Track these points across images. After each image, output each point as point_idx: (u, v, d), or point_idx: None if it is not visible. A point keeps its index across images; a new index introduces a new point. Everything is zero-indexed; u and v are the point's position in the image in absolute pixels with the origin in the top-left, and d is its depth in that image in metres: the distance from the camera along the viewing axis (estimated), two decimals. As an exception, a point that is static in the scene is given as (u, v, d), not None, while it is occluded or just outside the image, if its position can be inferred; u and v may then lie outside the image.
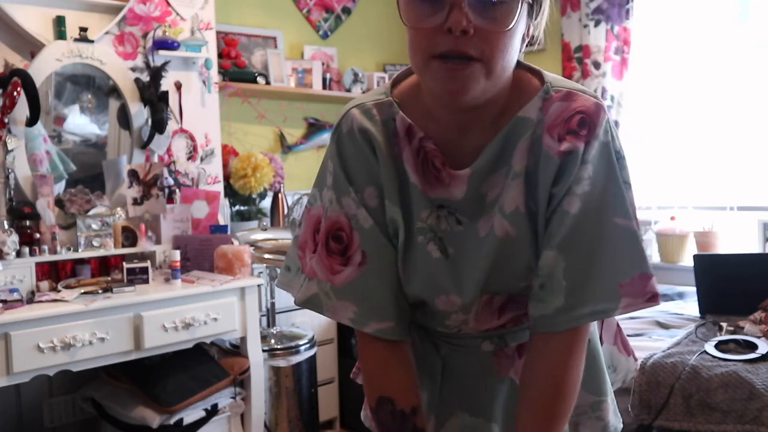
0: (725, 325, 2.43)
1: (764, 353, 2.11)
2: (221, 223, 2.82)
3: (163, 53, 2.73)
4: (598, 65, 3.53)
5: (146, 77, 2.70)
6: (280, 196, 3.30)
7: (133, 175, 2.58)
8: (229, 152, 3.26)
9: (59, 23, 2.49)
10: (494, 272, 0.96)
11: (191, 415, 2.37)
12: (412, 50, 0.90)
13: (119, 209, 2.57)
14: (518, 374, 1.04)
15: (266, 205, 3.36)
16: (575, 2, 3.59)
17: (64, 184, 2.55)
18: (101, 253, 2.47)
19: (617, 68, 3.51)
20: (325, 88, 3.68)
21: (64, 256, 2.38)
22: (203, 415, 2.41)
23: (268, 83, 3.44)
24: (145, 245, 2.55)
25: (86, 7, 2.58)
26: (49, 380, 2.56)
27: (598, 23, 3.51)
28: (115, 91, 2.64)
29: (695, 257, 2.75)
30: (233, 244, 2.65)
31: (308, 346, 2.80)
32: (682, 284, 3.24)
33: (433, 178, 0.97)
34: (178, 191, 2.76)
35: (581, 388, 1.04)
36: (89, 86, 2.61)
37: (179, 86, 2.82)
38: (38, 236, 2.34)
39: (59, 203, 2.49)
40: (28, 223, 2.35)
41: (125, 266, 2.38)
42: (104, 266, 2.57)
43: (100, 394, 2.46)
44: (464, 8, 0.83)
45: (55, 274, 2.43)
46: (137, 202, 2.58)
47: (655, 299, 0.92)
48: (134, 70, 2.69)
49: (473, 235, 0.97)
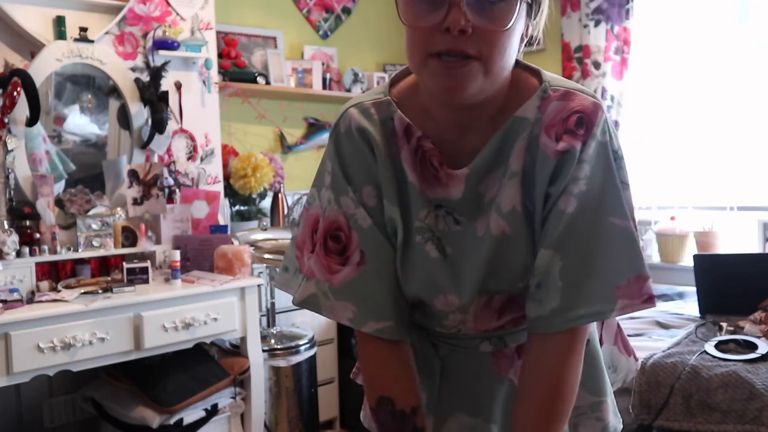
0: (725, 325, 2.43)
1: (764, 353, 2.11)
2: (221, 223, 2.82)
3: (163, 53, 2.73)
4: (598, 65, 3.53)
5: (146, 77, 2.70)
6: (280, 196, 3.30)
7: (133, 175, 2.58)
8: (229, 152, 3.26)
9: (59, 23, 2.49)
10: (491, 272, 0.95)
11: (191, 415, 2.37)
12: (409, 49, 0.90)
13: (119, 209, 2.57)
14: (517, 375, 1.03)
15: (266, 205, 3.36)
16: (575, 2, 3.59)
17: (63, 183, 2.55)
18: (101, 253, 2.47)
19: (617, 68, 3.51)
20: (325, 88, 3.68)
21: (64, 256, 2.38)
22: (203, 415, 2.41)
23: (268, 83, 3.44)
24: (145, 245, 2.55)
25: (86, 7, 2.58)
26: (49, 380, 2.56)
27: (598, 23, 3.51)
28: (115, 91, 2.64)
29: (695, 257, 2.75)
30: (233, 244, 2.65)
31: (308, 346, 2.80)
32: (682, 284, 3.24)
33: (431, 177, 0.96)
34: (178, 191, 2.76)
35: (581, 388, 1.03)
36: (89, 86, 2.61)
37: (179, 86, 2.82)
38: (38, 236, 2.34)
39: (59, 203, 2.49)
40: (28, 223, 2.35)
41: (125, 266, 2.38)
42: (104, 266, 2.57)
43: (100, 394, 2.46)
44: (463, 7, 0.83)
45: (55, 274, 2.43)
46: (137, 202, 2.58)
47: (651, 301, 0.92)
48: (134, 70, 2.69)
49: (471, 234, 0.96)
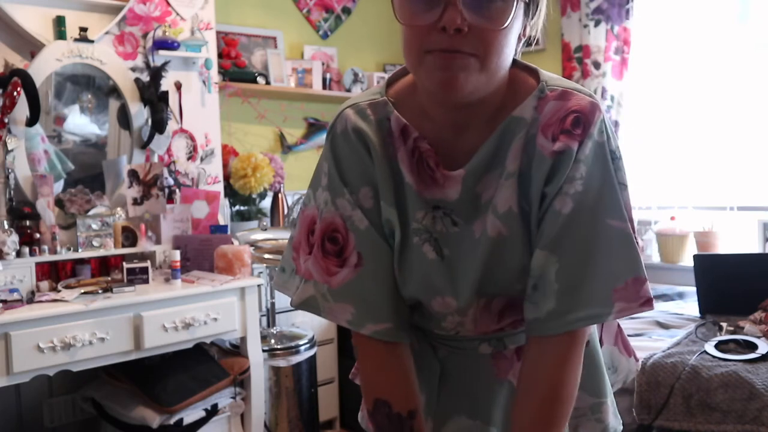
0: (725, 325, 2.43)
1: (764, 353, 2.11)
2: (221, 223, 2.82)
3: (163, 53, 2.73)
4: (598, 65, 3.53)
5: (146, 77, 2.70)
6: (280, 196, 3.30)
7: (133, 175, 2.58)
8: (229, 152, 3.26)
9: (59, 23, 2.49)
10: (488, 273, 0.95)
11: (191, 415, 2.37)
12: (406, 48, 0.89)
13: (119, 209, 2.57)
14: (517, 377, 1.02)
15: (266, 205, 3.36)
16: (575, 2, 3.59)
17: (62, 183, 2.55)
18: (101, 253, 2.47)
19: (617, 68, 3.51)
20: (325, 88, 3.69)
21: (64, 256, 2.38)
22: (203, 415, 2.41)
23: (268, 83, 3.44)
24: (145, 245, 2.55)
25: (86, 7, 2.58)
26: (49, 380, 2.56)
27: (598, 23, 3.51)
28: (115, 91, 2.64)
29: (695, 257, 2.75)
30: (233, 244, 2.65)
31: (308, 346, 2.80)
32: (682, 284, 3.24)
33: (428, 178, 0.95)
34: (178, 191, 2.76)
35: (581, 390, 1.03)
36: (89, 86, 2.61)
37: (179, 86, 2.82)
38: (38, 236, 2.34)
39: (59, 203, 2.49)
40: (28, 223, 2.35)
41: (125, 266, 2.38)
42: (104, 266, 2.57)
43: (100, 394, 2.46)
44: (459, 6, 0.82)
45: (55, 274, 2.43)
46: (137, 202, 2.58)
47: (649, 304, 0.90)
48: (134, 70, 2.69)
49: (469, 236, 0.96)
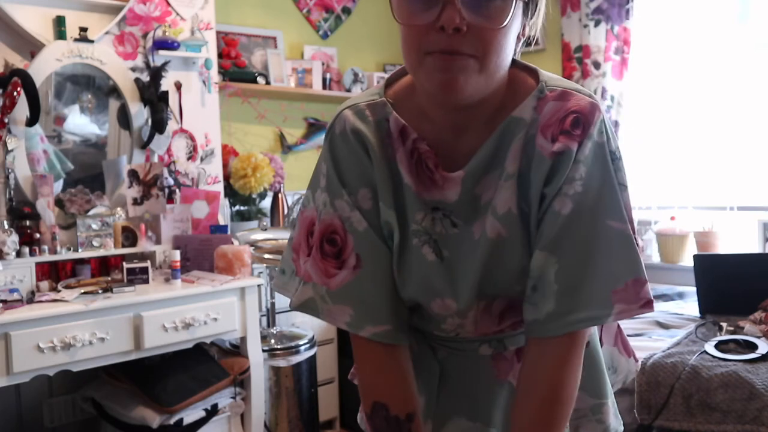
0: (725, 325, 2.43)
1: (764, 353, 2.11)
2: (221, 223, 2.82)
3: (163, 53, 2.73)
4: (598, 65, 3.53)
5: (146, 77, 2.70)
6: (280, 196, 3.30)
7: (133, 175, 2.58)
8: (229, 152, 3.26)
9: (59, 23, 2.49)
10: (487, 275, 0.94)
11: (191, 415, 2.37)
12: (405, 48, 0.88)
13: (119, 209, 2.57)
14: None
15: (266, 205, 3.36)
16: (575, 2, 3.59)
17: (62, 183, 2.54)
18: (101, 253, 2.47)
19: (617, 68, 3.51)
20: (325, 88, 3.69)
21: (64, 256, 2.38)
22: (203, 415, 2.41)
23: (268, 83, 3.44)
24: (145, 245, 2.55)
25: (86, 7, 2.58)
26: (49, 380, 2.56)
27: (598, 23, 3.51)
28: (115, 91, 2.64)
29: (695, 257, 2.75)
30: (233, 244, 2.65)
31: (308, 346, 2.80)
32: (682, 284, 3.24)
33: (427, 179, 0.95)
34: (178, 191, 2.76)
35: (581, 390, 1.02)
36: (89, 86, 2.61)
37: (179, 86, 2.82)
38: (38, 236, 2.34)
39: (59, 203, 2.49)
40: (28, 223, 2.35)
41: (125, 266, 2.38)
42: (104, 266, 2.57)
43: (100, 394, 2.46)
44: (457, 5, 0.81)
45: (55, 274, 2.43)
46: (137, 202, 2.58)
47: (649, 306, 0.90)
48: (134, 70, 2.69)
49: (468, 237, 0.95)
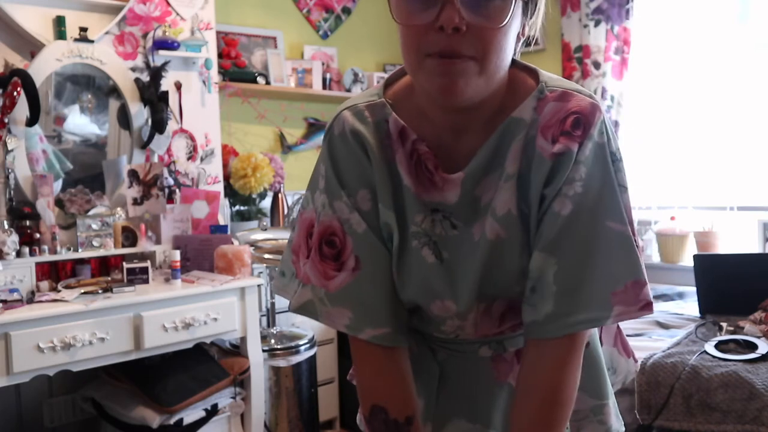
0: (725, 325, 2.43)
1: (764, 353, 2.11)
2: (221, 223, 2.82)
3: (163, 53, 2.73)
4: (598, 65, 3.53)
5: (146, 77, 2.70)
6: (280, 196, 3.31)
7: (133, 175, 2.58)
8: (229, 152, 3.26)
9: (59, 23, 2.49)
10: (487, 276, 0.93)
11: (191, 415, 2.37)
12: (404, 49, 0.87)
13: (119, 209, 2.57)
14: None
15: (266, 205, 3.36)
16: (575, 2, 3.59)
17: (61, 183, 2.54)
18: (101, 253, 2.47)
19: (617, 68, 3.51)
20: (325, 88, 3.69)
21: (64, 256, 2.38)
22: (203, 415, 2.41)
23: (268, 83, 3.44)
24: (145, 245, 2.55)
25: (86, 7, 2.58)
26: (49, 380, 2.56)
27: (598, 23, 3.51)
28: (115, 91, 2.64)
29: (695, 257, 2.75)
30: (233, 244, 2.65)
31: (308, 346, 2.80)
32: (682, 284, 3.24)
33: (426, 181, 0.94)
34: (178, 191, 2.76)
35: (582, 392, 1.02)
36: (89, 86, 2.61)
37: (179, 86, 2.82)
38: (38, 236, 2.34)
39: (59, 203, 2.49)
40: (28, 223, 2.35)
41: (125, 266, 2.38)
42: (104, 266, 2.57)
43: (100, 394, 2.46)
44: (456, 4, 0.80)
45: (55, 274, 2.43)
46: (137, 202, 2.58)
47: (648, 308, 0.89)
48: (134, 70, 2.69)
49: (468, 239, 0.94)
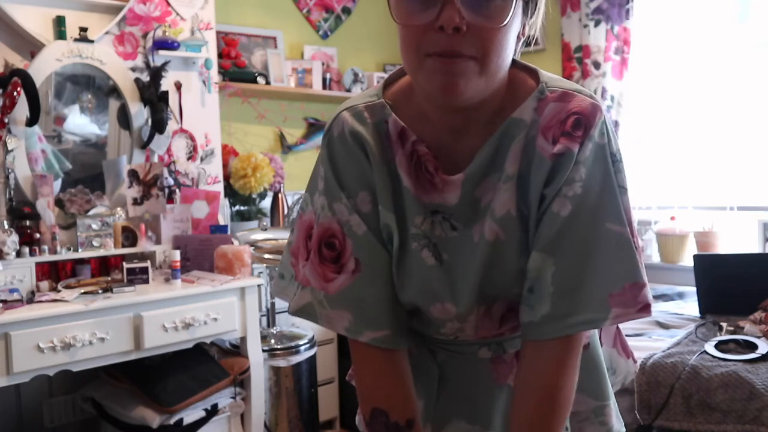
0: (725, 325, 2.44)
1: (764, 353, 2.11)
2: (221, 223, 2.82)
3: (163, 53, 2.73)
4: (598, 65, 3.53)
5: (146, 77, 2.70)
6: (280, 196, 3.31)
7: (133, 175, 2.58)
8: (229, 152, 3.26)
9: (59, 23, 2.49)
10: (487, 277, 0.93)
11: (191, 415, 2.37)
12: (404, 49, 0.86)
13: (119, 209, 2.57)
14: None
15: (266, 205, 3.36)
16: (575, 2, 3.59)
17: (60, 183, 2.54)
18: (101, 253, 2.47)
19: (617, 68, 3.51)
20: (325, 88, 3.69)
21: (64, 256, 2.38)
22: (203, 415, 2.41)
23: (268, 83, 3.44)
24: (145, 245, 2.55)
25: (86, 7, 2.58)
26: (49, 380, 2.56)
27: (598, 23, 3.51)
28: (115, 91, 2.64)
29: (695, 257, 2.75)
30: (233, 244, 2.65)
31: (308, 346, 2.80)
32: (682, 284, 3.24)
33: (426, 182, 0.93)
34: (178, 191, 2.76)
35: (583, 393, 1.02)
36: (89, 86, 2.61)
37: (179, 86, 2.82)
38: (38, 236, 2.34)
39: (59, 203, 2.49)
40: (28, 223, 2.35)
41: (125, 266, 2.38)
42: (104, 266, 2.57)
43: (100, 394, 2.46)
44: (457, 4, 0.80)
45: (55, 274, 2.43)
46: (137, 202, 2.58)
47: (646, 310, 0.88)
48: (134, 70, 2.69)
49: (468, 241, 0.94)
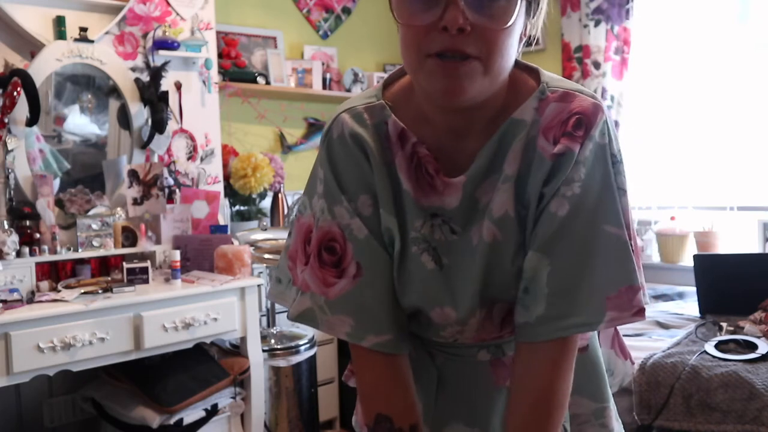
0: (725, 325, 2.44)
1: (764, 353, 2.11)
2: (221, 223, 2.82)
3: (163, 53, 2.73)
4: (598, 65, 3.53)
5: (146, 77, 2.69)
6: (280, 196, 3.30)
7: (133, 175, 2.58)
8: (229, 152, 3.26)
9: (59, 23, 2.49)
10: (487, 280, 0.92)
11: (191, 415, 2.37)
12: (405, 49, 0.85)
13: (119, 209, 2.57)
14: None
15: (266, 205, 3.36)
16: (575, 2, 3.59)
17: (58, 183, 2.54)
18: (101, 253, 2.47)
19: (617, 68, 3.51)
20: (325, 88, 3.69)
21: (64, 256, 2.38)
22: (203, 415, 2.41)
23: (268, 83, 3.44)
24: (145, 245, 2.55)
25: (86, 7, 2.58)
26: (49, 380, 2.56)
27: (598, 23, 3.51)
28: (115, 91, 2.64)
29: (695, 257, 2.75)
30: (233, 244, 2.65)
31: (308, 346, 2.80)
32: (682, 284, 3.24)
33: (426, 185, 0.92)
34: (178, 191, 2.76)
35: (583, 396, 1.02)
36: (89, 86, 2.61)
37: (179, 86, 2.82)
38: (38, 236, 2.34)
39: (59, 203, 2.48)
40: (28, 223, 2.35)
41: (125, 266, 2.38)
42: (104, 266, 2.57)
43: (100, 394, 2.46)
44: (460, 5, 0.79)
45: (55, 274, 2.43)
46: (137, 202, 2.58)
47: (641, 314, 0.88)
48: (134, 70, 2.69)
49: (468, 244, 0.93)
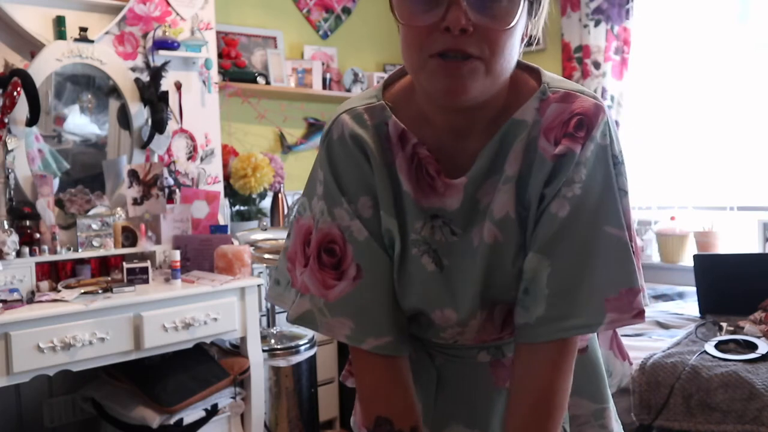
0: (725, 325, 2.44)
1: (764, 353, 2.11)
2: (221, 223, 2.82)
3: (163, 53, 2.73)
4: (598, 65, 3.53)
5: (146, 77, 2.69)
6: (280, 196, 3.30)
7: (133, 175, 2.58)
8: (229, 152, 3.26)
9: (59, 23, 2.49)
10: (488, 282, 0.92)
11: (191, 415, 2.37)
12: (406, 49, 0.84)
13: (119, 209, 2.57)
14: None
15: (266, 205, 3.36)
16: (575, 2, 3.59)
17: (58, 182, 2.54)
18: (101, 253, 2.47)
19: (617, 68, 3.51)
20: (325, 88, 3.69)
21: (64, 256, 2.38)
22: (203, 415, 2.41)
23: (268, 83, 3.44)
24: (145, 245, 2.55)
25: (86, 7, 2.58)
26: (49, 380, 2.56)
27: (598, 23, 3.51)
28: (115, 91, 2.64)
29: (695, 257, 2.75)
30: (233, 244, 2.65)
31: (308, 346, 2.80)
32: (682, 284, 3.24)
33: (426, 186, 0.92)
34: (178, 191, 2.76)
35: (583, 397, 1.02)
36: (89, 86, 2.61)
37: (179, 86, 2.82)
38: (38, 236, 2.34)
39: (59, 203, 2.48)
40: (28, 223, 2.35)
41: (125, 266, 2.38)
42: (104, 266, 2.57)
43: (100, 394, 2.46)
44: (463, 5, 0.78)
45: (55, 274, 2.43)
46: (137, 202, 2.58)
47: (640, 316, 0.88)
48: (134, 70, 2.69)
49: (468, 245, 0.92)
